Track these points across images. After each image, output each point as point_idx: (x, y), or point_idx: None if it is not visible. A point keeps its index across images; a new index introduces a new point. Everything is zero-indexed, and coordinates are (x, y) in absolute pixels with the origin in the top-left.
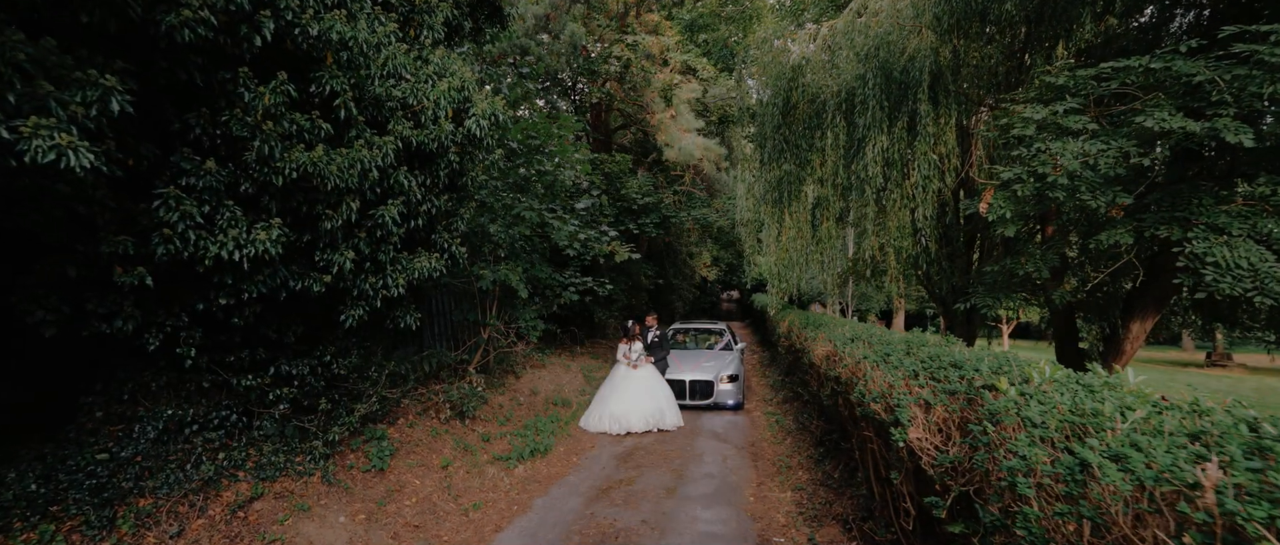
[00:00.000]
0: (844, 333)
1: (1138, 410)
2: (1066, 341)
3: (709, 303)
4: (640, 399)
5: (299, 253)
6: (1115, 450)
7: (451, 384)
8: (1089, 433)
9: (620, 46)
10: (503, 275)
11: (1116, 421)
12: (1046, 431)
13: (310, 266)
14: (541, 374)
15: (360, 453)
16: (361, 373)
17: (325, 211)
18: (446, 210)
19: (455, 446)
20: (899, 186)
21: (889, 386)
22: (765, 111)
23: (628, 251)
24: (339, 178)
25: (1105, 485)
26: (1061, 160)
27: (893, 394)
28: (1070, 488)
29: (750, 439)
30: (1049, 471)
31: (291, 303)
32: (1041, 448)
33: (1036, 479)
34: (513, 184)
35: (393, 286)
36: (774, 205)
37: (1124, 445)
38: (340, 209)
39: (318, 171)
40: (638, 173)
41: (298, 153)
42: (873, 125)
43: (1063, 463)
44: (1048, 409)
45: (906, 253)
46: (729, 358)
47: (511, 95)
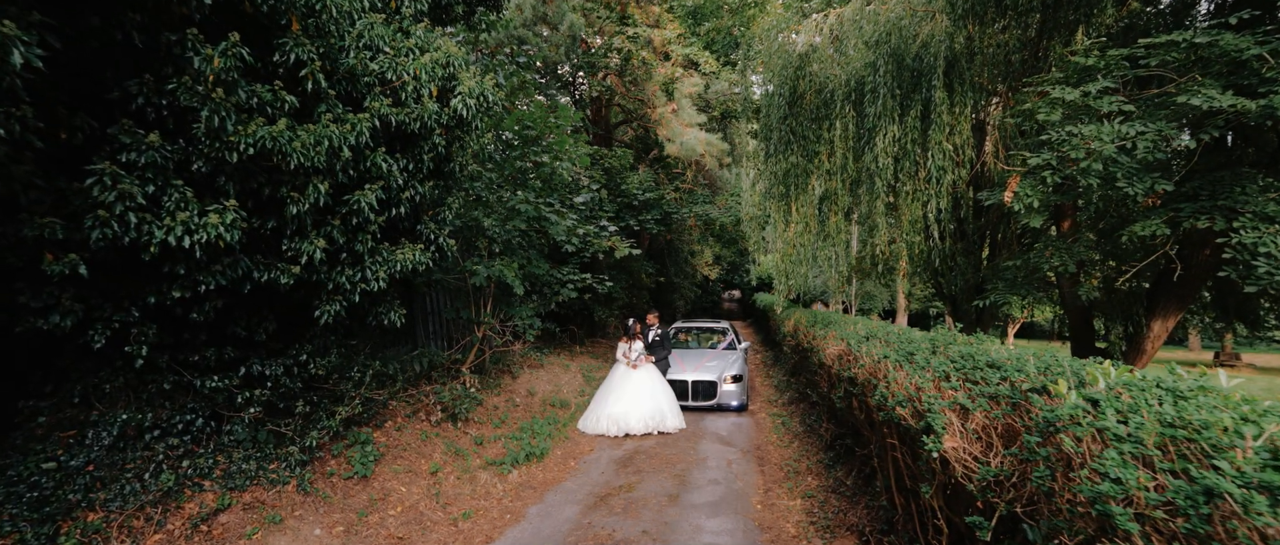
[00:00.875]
0: (858, 330)
1: (1271, 425)
2: (1082, 341)
3: (711, 302)
4: (640, 400)
5: (263, 241)
6: (1253, 476)
7: (443, 385)
8: (1206, 451)
9: (621, 38)
10: (497, 271)
11: (1246, 440)
12: (1140, 448)
13: (277, 256)
14: (539, 374)
15: (342, 458)
16: (343, 373)
17: (290, 194)
18: (432, 198)
19: (446, 451)
20: (912, 178)
21: (916, 389)
22: (771, 102)
23: (628, 247)
24: (303, 156)
25: (1259, 524)
26: (1094, 144)
27: (922, 398)
28: (1194, 524)
29: (756, 442)
30: (1156, 500)
31: (260, 297)
32: (1136, 468)
33: (1139, 509)
34: (509, 177)
35: (373, 280)
36: (780, 199)
37: (1263, 470)
38: (306, 191)
39: (278, 148)
40: (639, 169)
41: (255, 126)
42: (883, 114)
43: (1179, 491)
44: (1133, 419)
45: (918, 248)
46: (733, 357)
47: (508, 85)
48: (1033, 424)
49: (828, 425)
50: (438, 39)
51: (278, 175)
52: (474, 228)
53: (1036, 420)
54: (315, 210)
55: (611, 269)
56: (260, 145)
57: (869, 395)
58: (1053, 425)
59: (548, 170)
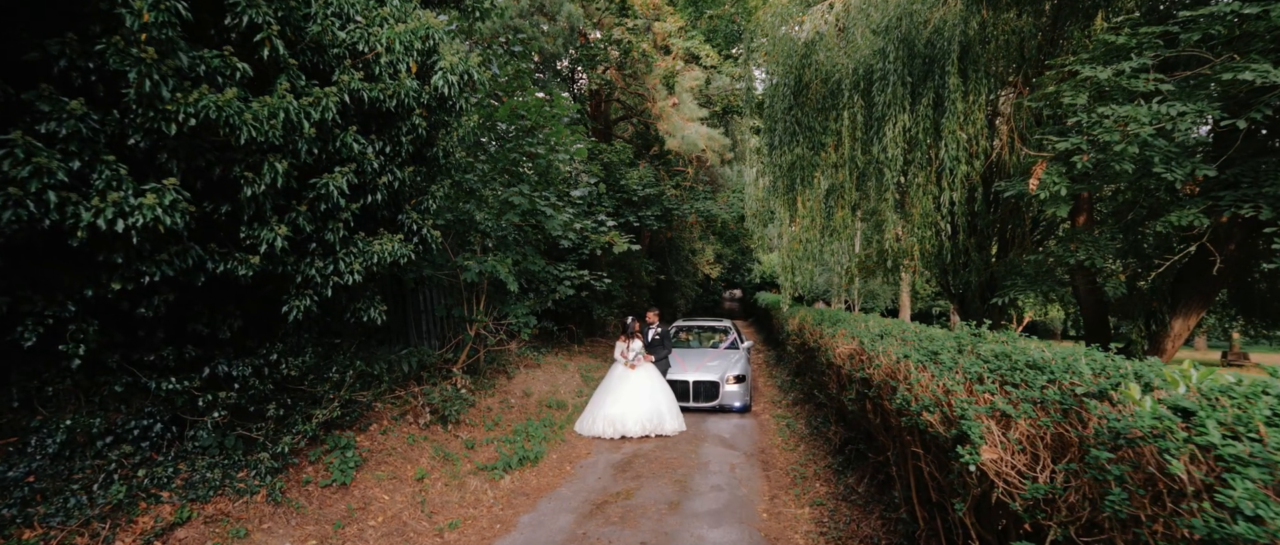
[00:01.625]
0: (870, 328)
1: None
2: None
3: (712, 301)
4: (639, 401)
5: (218, 227)
6: None
7: (433, 386)
8: None
9: (620, 30)
10: (490, 267)
11: None
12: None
13: (234, 245)
14: (536, 374)
15: (320, 465)
16: (320, 374)
17: (244, 174)
18: (413, 185)
19: (434, 455)
20: (923, 169)
21: (944, 392)
22: (774, 93)
23: (626, 242)
24: (255, 129)
25: None
26: (1130, 126)
27: (952, 402)
28: None
29: (760, 445)
30: None
31: (220, 291)
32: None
33: None
34: (502, 169)
35: (347, 273)
36: (785, 193)
37: None
38: (262, 171)
39: (225, 120)
40: (639, 165)
41: (198, 95)
42: (893, 103)
43: None
44: (1246, 434)
45: (929, 243)
46: (735, 357)
47: (503, 73)
48: (1095, 435)
49: (836, 428)
50: (416, 9)
51: (228, 153)
52: (466, 222)
53: (1101, 432)
54: (275, 193)
55: (611, 266)
56: (203, 116)
57: (886, 398)
58: (1127, 438)
59: (544, 163)
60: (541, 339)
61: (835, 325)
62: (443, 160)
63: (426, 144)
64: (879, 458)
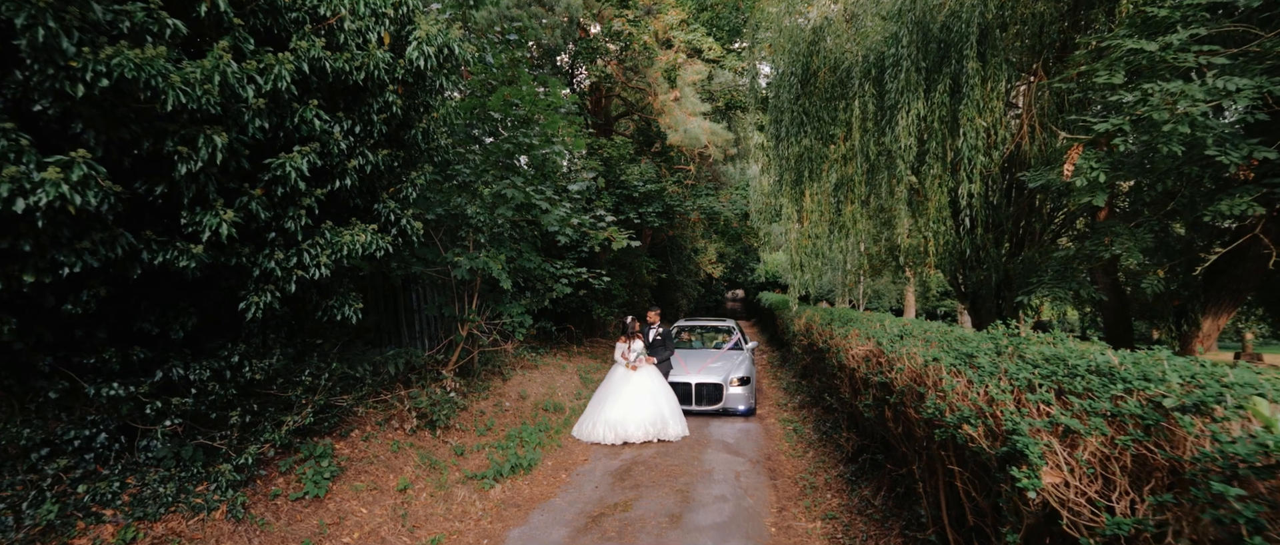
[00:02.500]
0: (887, 328)
1: None
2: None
3: (714, 301)
4: (640, 404)
5: (152, 211)
6: None
7: (421, 389)
8: None
9: (620, 21)
10: (483, 264)
11: None
12: None
13: (174, 232)
14: (533, 376)
15: (291, 475)
16: (291, 377)
17: (177, 148)
18: (389, 171)
19: (420, 463)
20: (938, 160)
21: (988, 401)
22: (781, 82)
23: (626, 238)
24: (184, 94)
25: None
26: (1182, 104)
27: (999, 414)
28: None
29: (766, 451)
30: None
31: (166, 285)
32: None
33: None
34: (496, 162)
35: (313, 266)
36: (793, 187)
37: None
38: (197, 145)
39: (145, 81)
40: (640, 161)
41: (113, 51)
42: (907, 89)
43: None
44: None
45: (944, 238)
46: (739, 358)
47: (497, 61)
48: (1198, 460)
49: (849, 435)
50: None
51: (157, 124)
52: (458, 216)
53: (1210, 456)
54: (219, 173)
55: (611, 265)
56: (118, 76)
57: (910, 405)
58: (1262, 466)
59: (539, 155)
60: (539, 339)
61: (847, 325)
62: (423, 144)
63: (403, 125)
64: (900, 470)
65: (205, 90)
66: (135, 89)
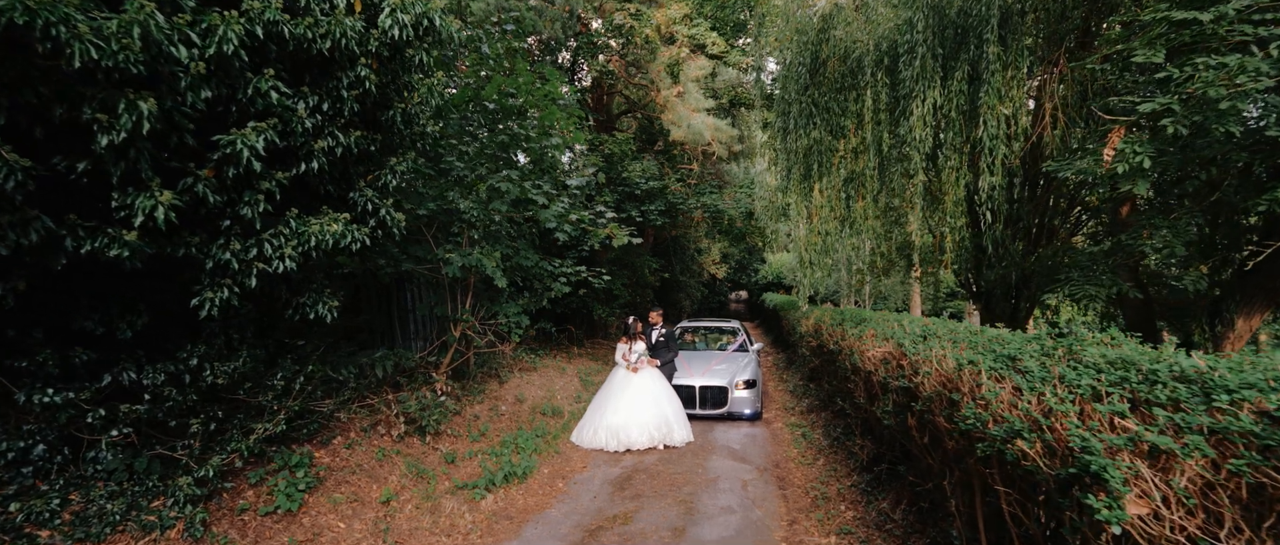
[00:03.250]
0: (907, 328)
1: None
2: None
3: (718, 302)
4: (642, 408)
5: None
6: None
7: (411, 392)
8: None
9: (622, 15)
10: (476, 261)
11: None
12: None
13: (104, 217)
14: (531, 378)
15: (263, 488)
16: (261, 381)
17: (97, 116)
18: (366, 156)
19: (407, 472)
20: (956, 151)
21: (1043, 411)
22: (788, 73)
23: (627, 235)
24: (96, 49)
25: None
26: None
27: (1061, 427)
28: None
29: (774, 458)
30: None
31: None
32: None
33: None
34: (492, 156)
35: (276, 258)
36: (801, 182)
37: None
38: (118, 111)
39: (45, 30)
40: (643, 158)
41: None
42: (922, 78)
43: None
44: None
45: (960, 234)
46: (744, 360)
47: (494, 52)
48: None
49: (863, 442)
50: None
51: (72, 88)
52: (451, 211)
53: None
54: (151, 147)
55: (612, 264)
56: (5, 21)
57: (939, 413)
58: None
59: (536, 148)
60: (538, 340)
61: (860, 325)
62: (403, 128)
63: (380, 105)
64: (925, 484)
65: (123, 46)
66: (31, 39)
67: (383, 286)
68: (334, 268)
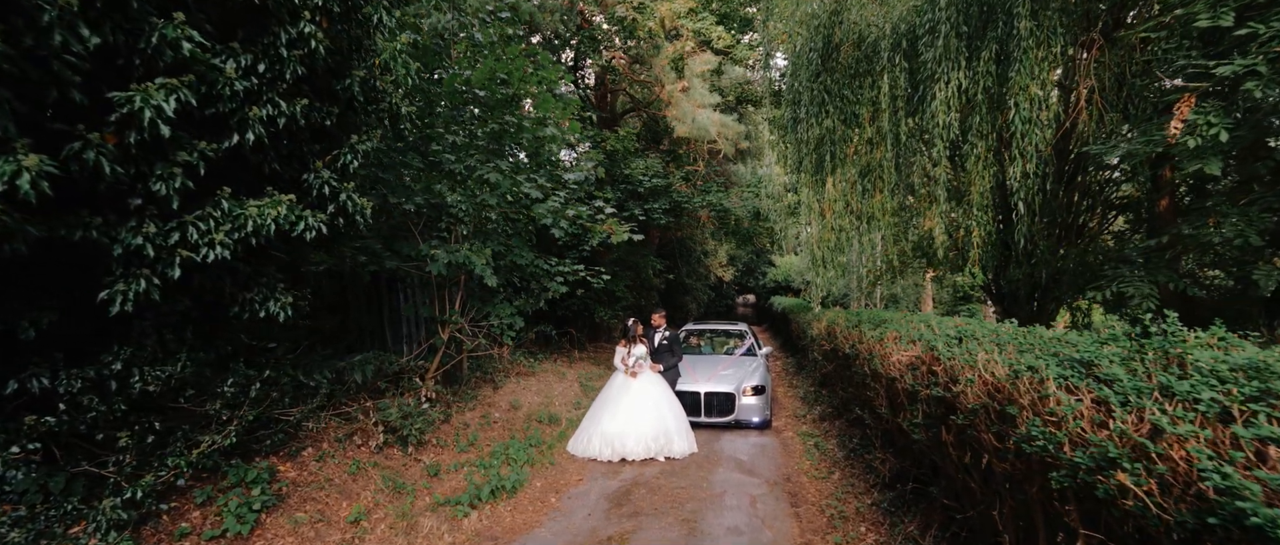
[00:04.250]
0: (937, 329)
1: None
2: None
3: (724, 305)
4: (641, 416)
5: None
6: None
7: (392, 399)
8: None
9: (625, 7)
10: (464, 257)
11: None
12: None
13: None
14: (528, 384)
15: (211, 508)
16: (207, 388)
17: None
18: (320, 132)
19: (382, 487)
20: (982, 138)
21: (1148, 434)
22: (798, 59)
23: (627, 231)
24: None
25: None
26: None
27: (1190, 460)
28: None
29: (785, 471)
30: None
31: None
32: None
33: None
34: (484, 147)
35: (203, 245)
36: (813, 173)
37: None
38: None
39: None
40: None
41: None
42: (945, 58)
43: None
44: None
45: (987, 228)
46: (753, 365)
47: (486, 38)
48: None
49: (884, 455)
50: None
51: None
52: (438, 206)
53: None
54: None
55: (615, 265)
56: None
57: (986, 429)
58: None
59: (529, 138)
60: (539, 344)
61: (879, 326)
62: (363, 100)
63: (334, 73)
64: (966, 512)
65: None
66: None
67: (373, 287)
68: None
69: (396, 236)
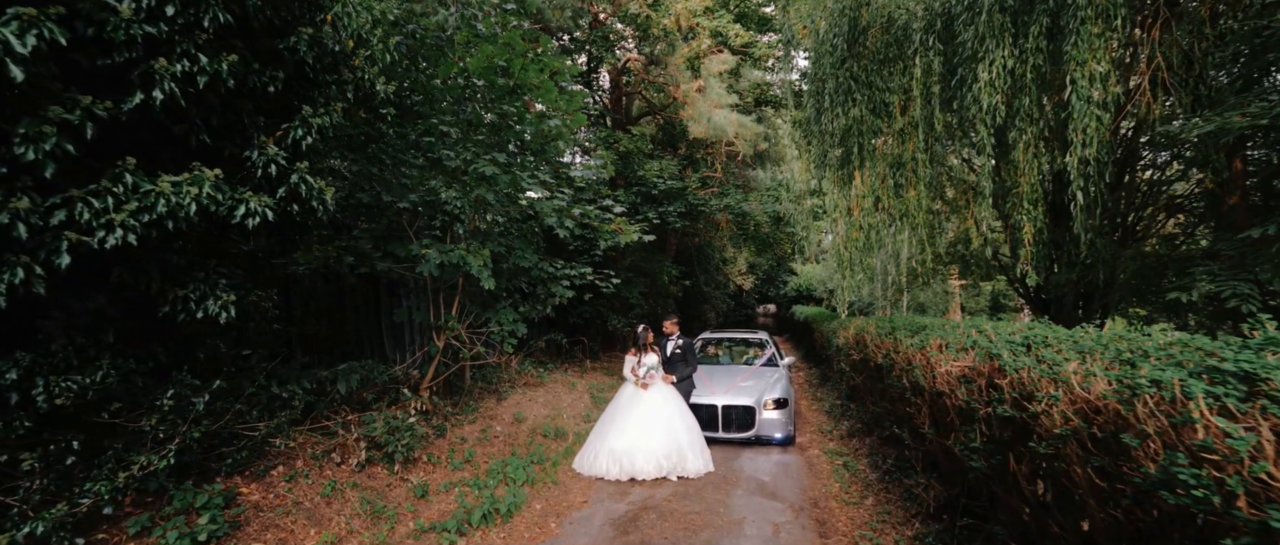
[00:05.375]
0: (998, 335)
1: None
2: None
3: (744, 315)
4: (651, 431)
5: None
6: None
7: (378, 412)
8: None
9: (638, 3)
10: (459, 258)
11: None
12: None
13: None
14: (535, 395)
15: (148, 540)
16: (141, 400)
17: None
18: (263, 97)
19: (359, 510)
20: (1033, 122)
21: None
22: (821, 46)
23: (636, 231)
24: None
25: None
26: None
27: None
28: None
29: (811, 494)
30: None
31: None
32: None
33: None
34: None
35: (99, 226)
36: (839, 168)
37: None
38: None
39: None
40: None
41: None
42: (989, 36)
43: None
44: None
45: (1038, 224)
46: (774, 376)
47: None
48: None
49: (928, 481)
50: None
51: None
52: (434, 203)
53: None
54: None
55: (629, 271)
56: None
57: (1077, 460)
58: None
59: (531, 129)
60: (549, 353)
61: (918, 333)
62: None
63: (275, 30)
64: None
65: None
66: None
67: (371, 292)
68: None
69: (391, 237)
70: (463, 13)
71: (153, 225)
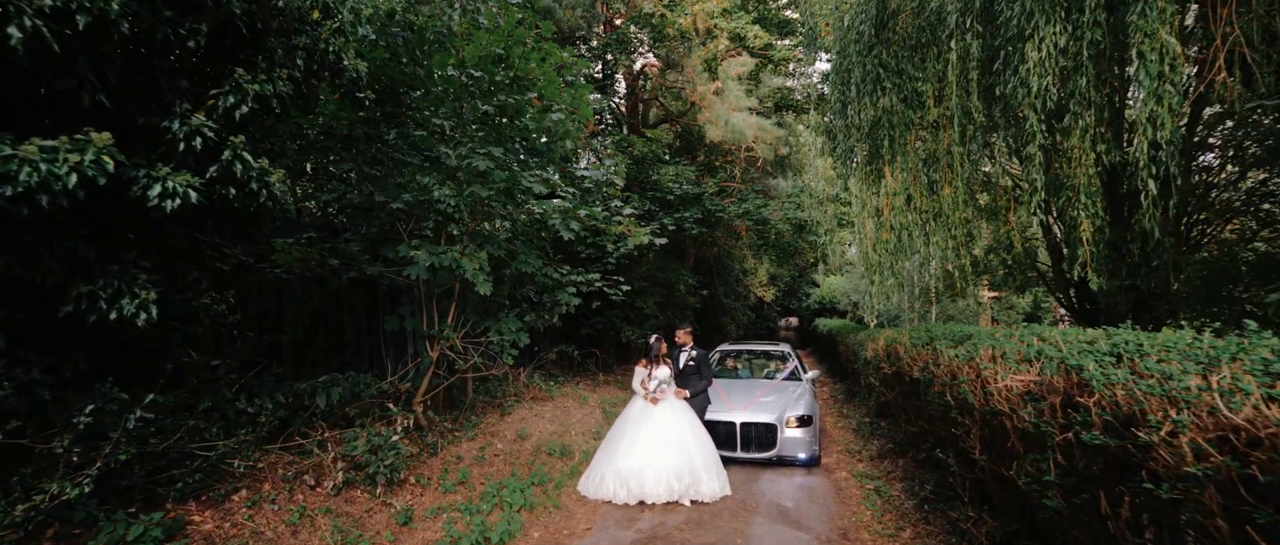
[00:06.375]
0: (1072, 343)
1: None
2: None
3: (766, 327)
4: (662, 450)
5: None
6: None
7: (360, 430)
8: None
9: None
10: (452, 260)
11: None
12: None
13: None
14: (542, 410)
15: None
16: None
17: None
18: (184, 53)
19: (329, 539)
20: (1090, 106)
21: None
22: (846, 33)
23: (646, 234)
24: None
25: None
26: None
27: None
28: None
29: (840, 524)
30: None
31: None
32: None
33: None
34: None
35: None
36: (867, 163)
37: None
38: None
39: None
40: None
41: None
42: (1037, 11)
43: None
44: None
45: (1098, 222)
46: (797, 391)
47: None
48: None
49: (978, 514)
50: None
51: None
52: (426, 202)
53: None
54: None
55: (644, 279)
56: None
57: (1219, 512)
58: None
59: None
60: (559, 365)
61: (961, 343)
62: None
63: None
64: None
65: None
66: None
67: (370, 300)
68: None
69: (384, 240)
70: (465, 6)
71: (18, 200)
